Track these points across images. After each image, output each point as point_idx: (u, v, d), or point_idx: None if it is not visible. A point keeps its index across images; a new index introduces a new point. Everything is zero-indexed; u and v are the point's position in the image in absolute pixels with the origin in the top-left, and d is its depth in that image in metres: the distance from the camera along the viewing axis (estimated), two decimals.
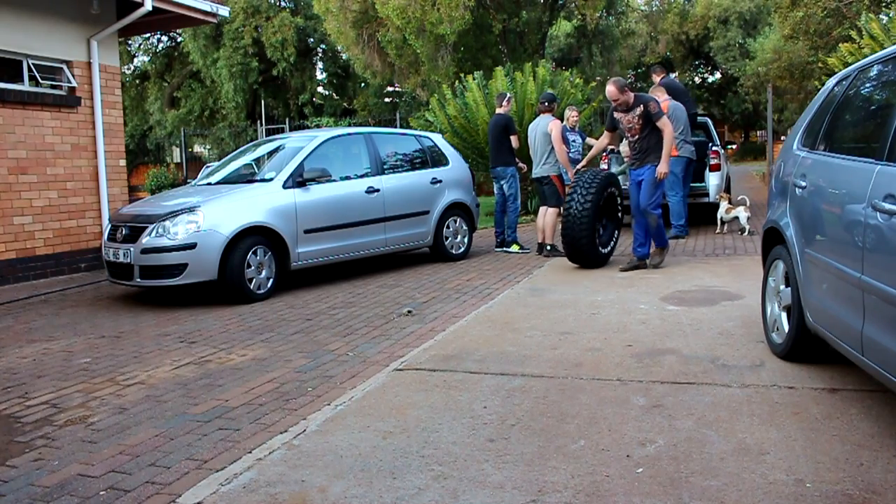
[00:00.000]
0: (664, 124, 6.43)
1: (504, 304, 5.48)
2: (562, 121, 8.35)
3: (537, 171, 8.11)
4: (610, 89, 6.47)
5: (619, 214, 7.24)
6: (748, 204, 9.07)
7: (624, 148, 8.08)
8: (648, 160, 6.50)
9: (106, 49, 8.49)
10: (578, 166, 7.22)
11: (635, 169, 6.67)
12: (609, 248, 7.12)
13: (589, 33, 18.80)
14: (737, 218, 8.95)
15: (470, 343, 4.32)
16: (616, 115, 6.64)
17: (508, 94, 8.78)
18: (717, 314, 4.79)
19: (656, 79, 9.61)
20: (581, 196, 6.68)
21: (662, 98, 8.52)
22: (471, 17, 15.39)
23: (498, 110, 8.61)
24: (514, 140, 8.37)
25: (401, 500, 2.38)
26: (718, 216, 9.19)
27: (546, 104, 8.29)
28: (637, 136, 6.56)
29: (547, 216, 7.98)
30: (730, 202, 9.14)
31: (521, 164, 8.62)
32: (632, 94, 6.50)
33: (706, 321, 4.61)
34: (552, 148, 7.88)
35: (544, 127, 8.01)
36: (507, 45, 17.44)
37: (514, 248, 8.49)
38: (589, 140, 9.29)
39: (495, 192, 8.78)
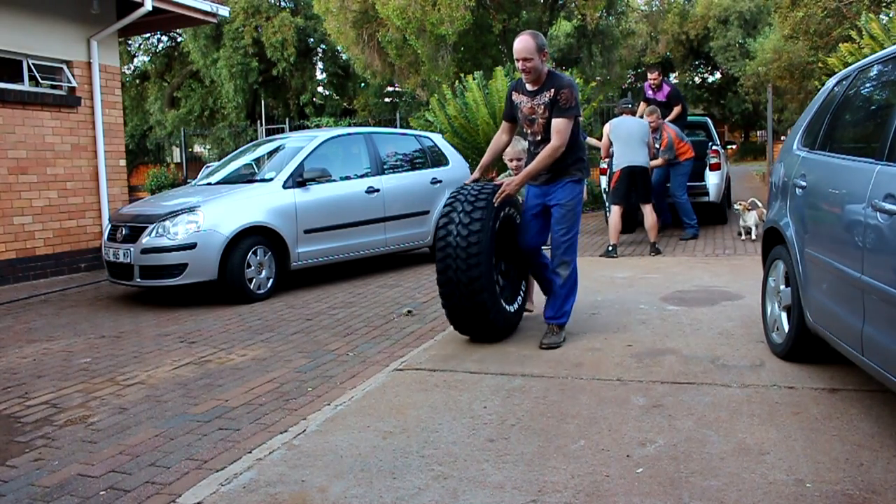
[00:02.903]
0: (560, 131, 4.04)
1: None
2: None
3: None
4: (521, 42, 4.05)
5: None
6: (760, 207, 8.71)
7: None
8: (566, 175, 4.20)
9: (106, 49, 8.49)
10: (471, 178, 4.46)
11: (542, 185, 4.26)
12: (517, 305, 4.50)
13: (589, 33, 18.79)
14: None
15: (470, 343, 4.32)
16: (516, 96, 4.27)
17: None
18: (717, 314, 4.79)
19: (652, 76, 9.62)
20: (462, 218, 4.03)
21: (659, 122, 8.52)
22: (471, 18, 15.38)
23: None
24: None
25: (401, 500, 2.38)
26: (752, 225, 8.50)
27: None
28: (540, 136, 4.20)
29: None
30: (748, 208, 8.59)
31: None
32: (546, 67, 4.15)
33: (706, 321, 4.61)
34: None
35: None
36: (507, 45, 17.40)
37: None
38: (590, 140, 9.29)
39: None
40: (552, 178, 4.21)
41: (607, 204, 8.75)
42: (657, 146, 8.25)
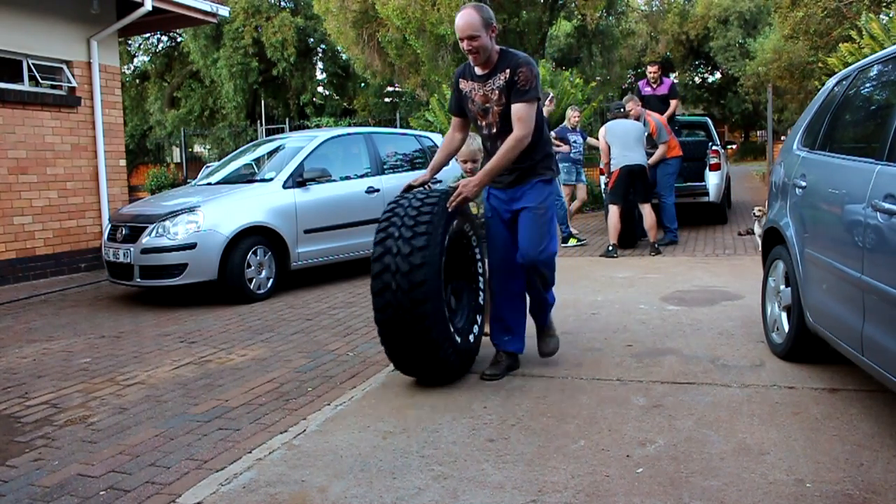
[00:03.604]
0: (523, 118, 3.36)
1: None
2: (562, 122, 8.39)
3: None
4: (463, 18, 3.37)
5: (480, 270, 3.83)
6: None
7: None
8: (534, 175, 3.54)
9: (106, 49, 8.49)
10: (418, 180, 3.64)
11: (505, 188, 3.59)
12: (475, 334, 3.69)
13: (589, 33, 18.78)
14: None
15: None
16: (463, 84, 3.58)
17: (551, 94, 8.74)
18: (717, 314, 4.79)
19: (652, 69, 9.60)
20: (404, 232, 3.25)
21: (642, 111, 8.45)
22: None
23: None
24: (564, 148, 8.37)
25: (401, 500, 2.38)
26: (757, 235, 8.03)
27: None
28: (496, 129, 3.51)
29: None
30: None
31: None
32: (496, 45, 3.47)
33: (706, 321, 4.61)
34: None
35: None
36: (507, 44, 17.40)
37: (572, 241, 8.55)
38: (590, 140, 9.29)
39: None
40: (518, 180, 3.54)
41: (563, 234, 8.78)
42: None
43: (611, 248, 7.59)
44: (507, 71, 3.40)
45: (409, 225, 3.24)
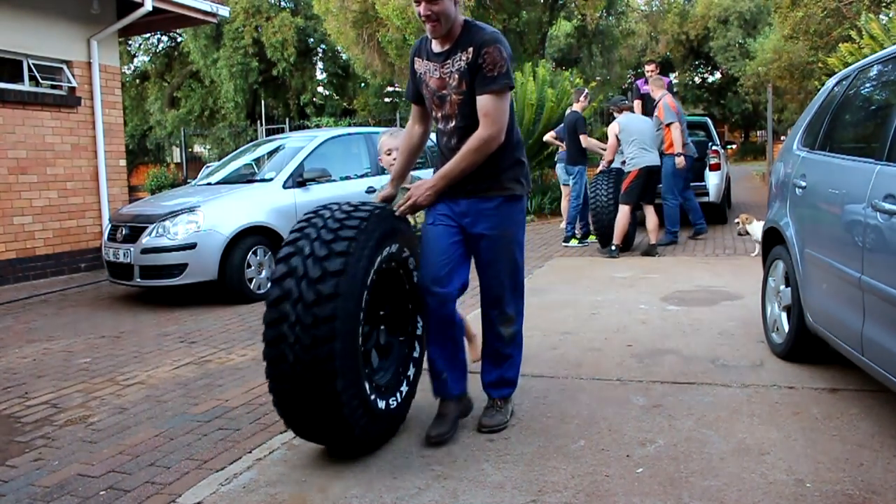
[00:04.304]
0: (490, 113, 2.65)
1: None
2: (562, 122, 8.40)
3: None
4: None
5: (417, 319, 3.02)
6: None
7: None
8: (498, 189, 2.79)
9: (106, 49, 8.49)
10: (380, 194, 2.97)
11: (460, 198, 2.81)
12: (399, 400, 2.88)
13: (589, 33, 18.79)
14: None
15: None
16: (419, 64, 2.86)
17: (585, 90, 8.70)
18: (717, 314, 4.79)
19: (650, 68, 9.58)
20: (317, 250, 2.50)
21: (660, 94, 8.47)
22: (471, 17, 15.40)
23: (574, 106, 8.59)
24: (582, 139, 8.36)
25: (401, 500, 2.38)
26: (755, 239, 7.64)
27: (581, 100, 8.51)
28: (454, 123, 2.78)
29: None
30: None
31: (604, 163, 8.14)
32: (461, 16, 2.74)
33: (706, 321, 4.61)
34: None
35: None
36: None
37: (573, 241, 8.56)
38: (592, 141, 9.28)
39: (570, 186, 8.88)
40: (477, 191, 2.75)
41: (567, 233, 8.76)
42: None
43: (614, 248, 7.49)
44: (471, 50, 2.64)
45: (326, 240, 2.46)
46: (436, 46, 2.76)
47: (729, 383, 3.39)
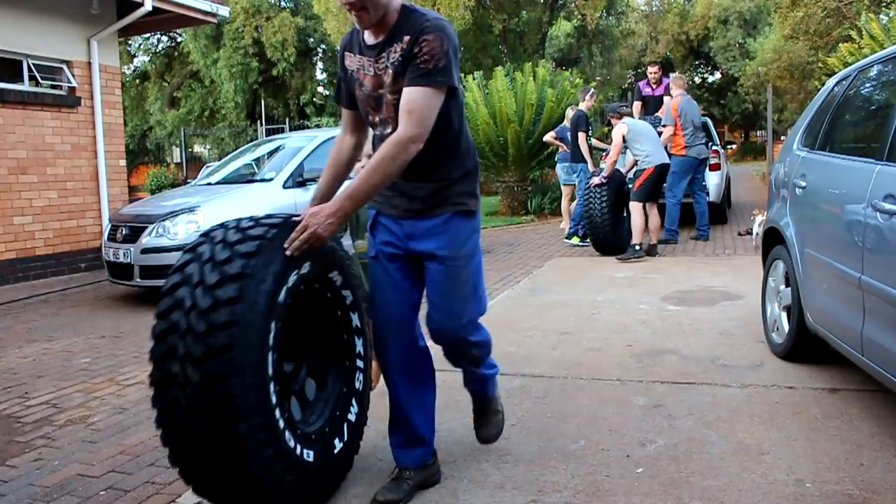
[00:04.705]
0: (414, 110, 2.14)
1: (504, 304, 5.47)
2: (562, 122, 8.40)
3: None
4: None
5: (358, 348, 2.55)
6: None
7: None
8: (447, 203, 2.33)
9: (106, 49, 8.49)
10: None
11: (403, 217, 2.38)
12: (340, 446, 2.43)
13: (589, 33, 18.81)
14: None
15: None
16: (350, 60, 2.37)
17: (592, 90, 8.73)
18: (717, 314, 4.79)
19: (652, 70, 9.61)
20: (207, 276, 2.08)
21: (677, 92, 8.48)
22: (471, 17, 15.40)
23: (580, 104, 8.63)
24: (580, 137, 8.36)
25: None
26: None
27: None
28: (392, 127, 2.23)
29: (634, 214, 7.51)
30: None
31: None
32: (398, 1, 2.26)
33: (706, 321, 4.61)
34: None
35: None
36: (507, 45, 17.44)
37: (575, 239, 8.55)
38: (595, 143, 9.30)
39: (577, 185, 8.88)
40: (421, 208, 2.31)
41: (570, 230, 8.66)
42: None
43: (638, 247, 7.26)
44: (407, 39, 2.17)
45: (219, 261, 2.05)
46: (369, 38, 2.28)
47: (729, 383, 3.39)
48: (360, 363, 2.55)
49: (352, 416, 2.50)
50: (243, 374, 2.00)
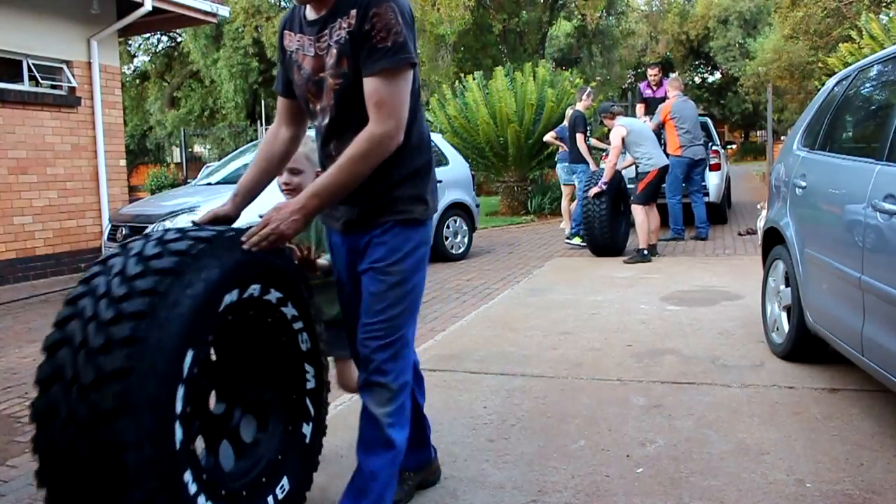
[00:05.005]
0: (385, 103, 1.86)
1: (504, 304, 5.48)
2: (562, 122, 8.40)
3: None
4: None
5: (308, 378, 2.17)
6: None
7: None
8: (389, 211, 2.00)
9: (106, 49, 8.49)
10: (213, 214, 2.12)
11: (345, 233, 2.09)
12: (283, 496, 2.05)
13: (589, 33, 18.82)
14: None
15: (470, 343, 4.32)
16: (288, 40, 2.09)
17: (589, 89, 8.67)
18: (717, 314, 4.79)
19: (652, 72, 9.63)
20: (102, 311, 1.63)
21: (673, 94, 8.49)
22: (471, 18, 15.41)
23: (577, 105, 8.60)
24: (578, 138, 8.32)
25: (401, 499, 2.38)
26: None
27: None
28: (331, 116, 1.99)
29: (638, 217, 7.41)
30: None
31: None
32: None
33: (706, 321, 4.61)
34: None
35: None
36: (507, 45, 17.45)
37: (577, 240, 8.50)
38: (594, 143, 9.29)
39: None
40: (360, 218, 2.02)
41: (571, 231, 8.55)
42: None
43: (646, 251, 7.15)
44: (353, 13, 1.87)
45: (130, 275, 1.66)
46: (310, 13, 1.99)
47: (729, 383, 3.39)
48: (310, 397, 2.16)
49: (298, 459, 2.12)
50: (139, 412, 1.54)
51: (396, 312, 2.00)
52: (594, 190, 7.39)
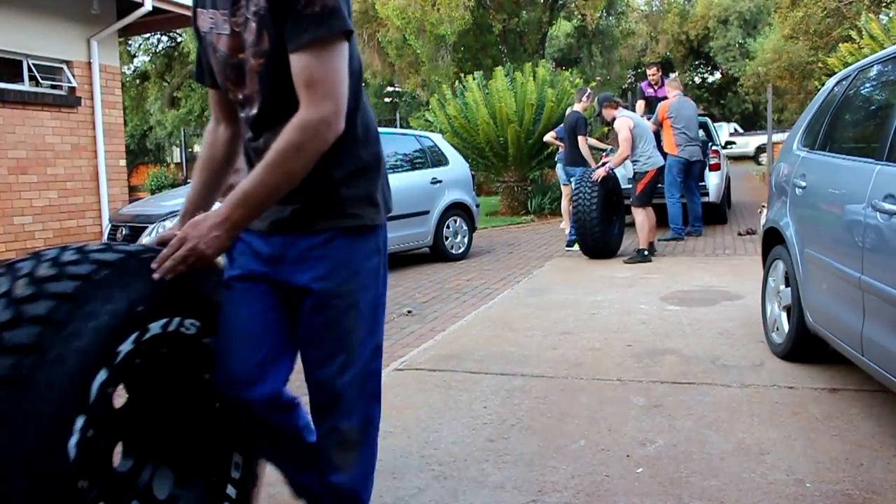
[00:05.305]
0: (317, 80, 1.48)
1: (504, 304, 5.48)
2: (562, 122, 8.38)
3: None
4: None
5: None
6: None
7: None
8: (330, 214, 1.65)
9: (106, 49, 8.49)
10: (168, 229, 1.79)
11: (269, 234, 1.68)
12: None
13: (589, 33, 18.81)
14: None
15: (470, 343, 4.32)
16: (202, 18, 1.64)
17: (588, 90, 8.55)
18: (717, 314, 4.79)
19: (651, 72, 9.65)
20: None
21: (672, 94, 8.49)
22: (471, 18, 15.40)
23: (575, 106, 8.44)
24: (580, 141, 8.08)
25: (401, 500, 2.38)
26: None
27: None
28: (259, 106, 1.61)
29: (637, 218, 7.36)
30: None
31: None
32: None
33: (706, 321, 4.61)
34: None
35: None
36: (507, 45, 17.44)
37: (576, 247, 8.45)
38: (593, 142, 9.29)
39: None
40: (293, 220, 1.66)
41: (570, 237, 8.30)
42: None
43: (646, 252, 7.12)
44: None
45: (18, 298, 1.38)
46: None
47: (729, 383, 3.39)
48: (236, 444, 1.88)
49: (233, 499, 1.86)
50: (24, 469, 1.26)
51: (354, 345, 1.70)
52: (601, 171, 7.24)
